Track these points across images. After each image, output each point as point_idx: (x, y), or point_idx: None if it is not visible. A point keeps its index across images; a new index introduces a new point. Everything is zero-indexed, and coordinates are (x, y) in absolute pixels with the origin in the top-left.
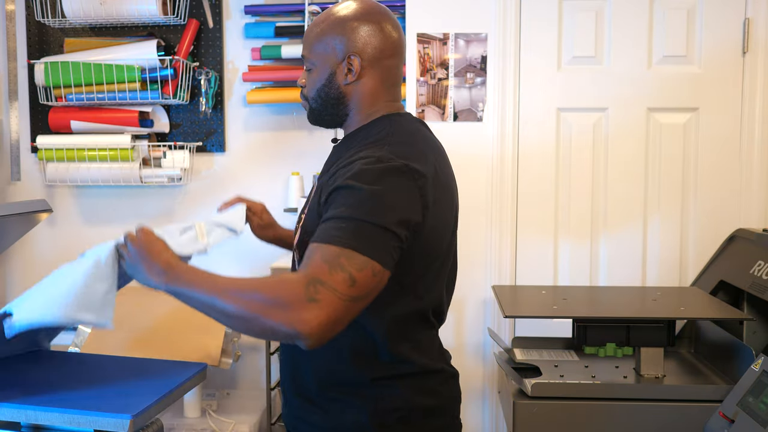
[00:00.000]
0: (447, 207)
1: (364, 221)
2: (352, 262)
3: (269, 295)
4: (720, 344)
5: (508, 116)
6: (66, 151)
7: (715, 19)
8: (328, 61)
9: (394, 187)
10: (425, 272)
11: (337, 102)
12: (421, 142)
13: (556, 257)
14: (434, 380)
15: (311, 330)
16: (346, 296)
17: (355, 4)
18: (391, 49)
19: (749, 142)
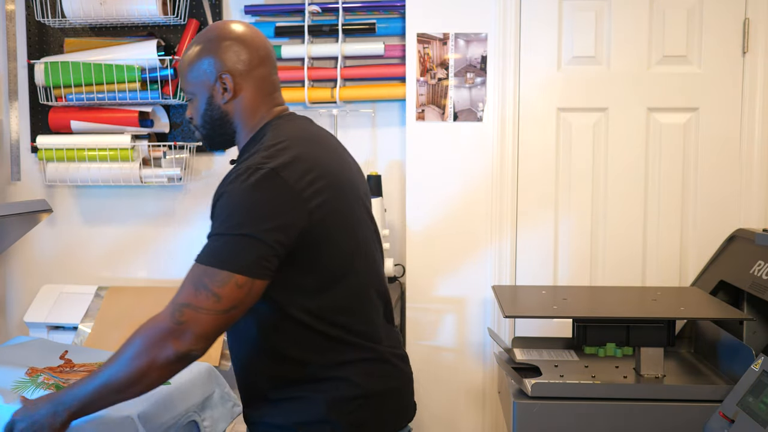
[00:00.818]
0: (341, 197)
1: (231, 235)
2: (214, 280)
3: (144, 342)
4: (720, 344)
5: (508, 116)
6: (66, 151)
7: (715, 19)
8: (204, 85)
9: (262, 195)
10: (344, 259)
11: (221, 122)
12: (303, 139)
13: (556, 257)
14: (385, 364)
15: (189, 347)
16: (212, 311)
17: (215, 28)
18: (258, 60)
19: (749, 142)
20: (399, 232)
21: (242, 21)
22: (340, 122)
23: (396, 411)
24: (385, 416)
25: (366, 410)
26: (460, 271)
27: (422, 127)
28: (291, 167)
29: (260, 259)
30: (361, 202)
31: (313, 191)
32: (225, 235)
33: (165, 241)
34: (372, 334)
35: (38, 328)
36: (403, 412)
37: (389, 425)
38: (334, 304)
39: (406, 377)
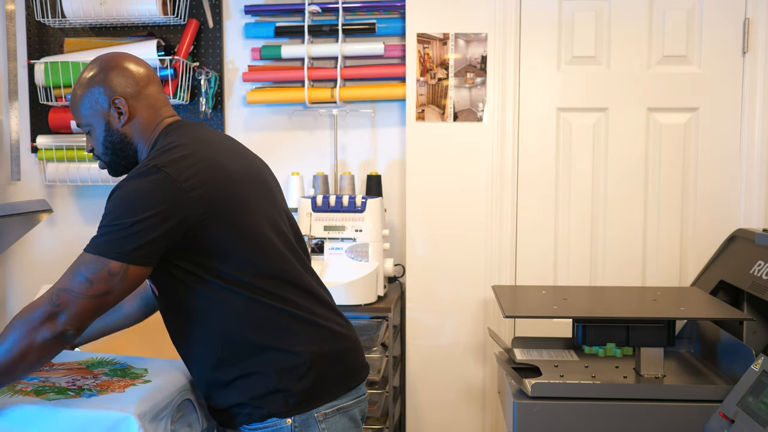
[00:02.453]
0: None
1: (110, 225)
2: (89, 267)
3: (24, 324)
4: (720, 344)
5: (508, 116)
6: (66, 151)
7: (715, 19)
8: (98, 115)
9: (142, 188)
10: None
11: (122, 144)
12: (193, 140)
13: (556, 257)
14: (322, 329)
15: (64, 327)
16: (85, 295)
17: (97, 61)
18: (145, 80)
19: (749, 142)
20: (399, 232)
21: (121, 51)
22: (340, 122)
23: (344, 372)
24: (333, 378)
25: (313, 374)
26: (460, 271)
27: (422, 127)
28: (175, 163)
29: (134, 246)
30: (264, 192)
31: (196, 182)
32: (105, 226)
33: None
34: (304, 303)
35: None
36: (352, 372)
37: (340, 386)
38: (258, 282)
39: (347, 339)
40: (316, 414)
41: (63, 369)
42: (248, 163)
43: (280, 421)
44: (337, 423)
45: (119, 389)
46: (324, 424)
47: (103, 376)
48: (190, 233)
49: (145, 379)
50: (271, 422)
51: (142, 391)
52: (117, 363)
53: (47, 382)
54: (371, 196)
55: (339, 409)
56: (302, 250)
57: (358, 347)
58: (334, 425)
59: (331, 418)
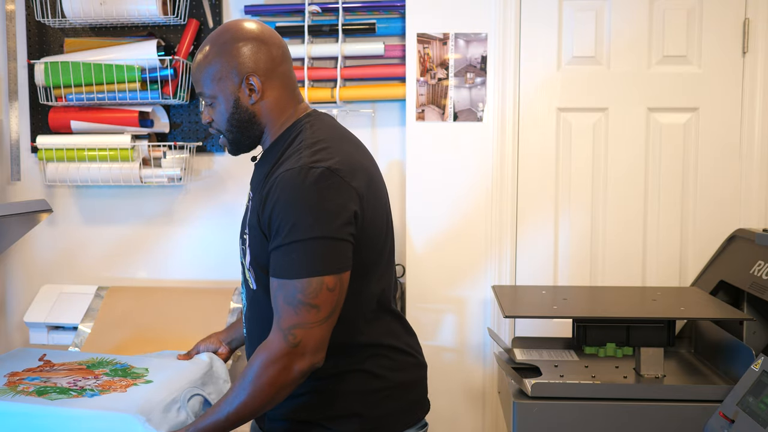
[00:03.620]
0: (375, 195)
1: (306, 240)
2: (307, 293)
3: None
4: (720, 344)
5: (508, 116)
6: (66, 151)
7: (715, 19)
8: (228, 89)
9: (325, 194)
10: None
11: (250, 124)
12: (337, 138)
13: (556, 257)
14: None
15: (311, 362)
16: (317, 323)
17: (231, 29)
18: (280, 57)
19: (749, 142)
20: (399, 232)
21: (253, 19)
22: (340, 122)
23: (418, 401)
24: (409, 407)
25: (392, 401)
26: (460, 271)
27: (422, 127)
28: (342, 165)
29: (338, 255)
30: (388, 198)
31: (364, 186)
32: (300, 241)
33: (165, 241)
34: (393, 328)
35: (38, 328)
36: (424, 402)
37: (413, 416)
38: (365, 297)
39: (424, 368)
40: None
41: (64, 369)
42: (376, 165)
43: None
44: None
45: (121, 389)
46: None
47: (105, 376)
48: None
49: (146, 379)
50: None
51: (144, 390)
52: (117, 363)
53: (49, 383)
54: None
55: None
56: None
57: (426, 375)
58: None
59: None
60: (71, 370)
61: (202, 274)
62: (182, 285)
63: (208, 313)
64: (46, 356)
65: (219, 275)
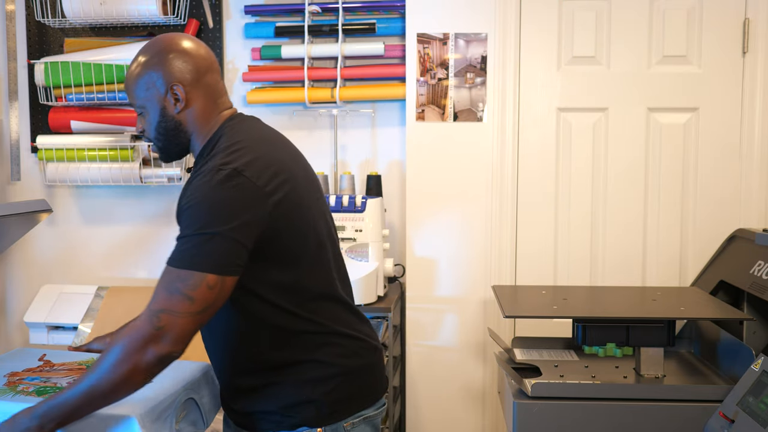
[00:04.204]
0: (295, 193)
1: (198, 235)
2: (186, 283)
3: (126, 349)
4: (720, 344)
5: (508, 116)
6: (66, 151)
7: (715, 19)
8: (155, 98)
9: (226, 194)
10: (307, 249)
11: (176, 132)
12: (255, 139)
13: (556, 257)
14: (356, 341)
15: (170, 349)
16: (187, 314)
17: (159, 42)
18: (205, 67)
19: (749, 142)
20: (399, 232)
21: (183, 34)
22: (340, 122)
23: (373, 383)
24: (363, 390)
25: (345, 386)
26: (460, 271)
27: (422, 127)
28: (252, 166)
29: (229, 256)
30: (319, 194)
31: (274, 186)
32: (192, 236)
33: (165, 241)
34: (341, 316)
35: (38, 328)
36: (379, 384)
37: (368, 398)
38: (304, 291)
39: (377, 352)
40: (345, 424)
41: (64, 369)
42: (303, 164)
43: (310, 430)
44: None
45: None
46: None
47: None
48: (263, 239)
49: None
50: (301, 430)
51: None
52: None
53: (48, 383)
54: (371, 196)
55: (365, 418)
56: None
57: (382, 359)
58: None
59: (358, 427)
60: (71, 370)
61: None
62: None
63: None
64: (46, 356)
65: None
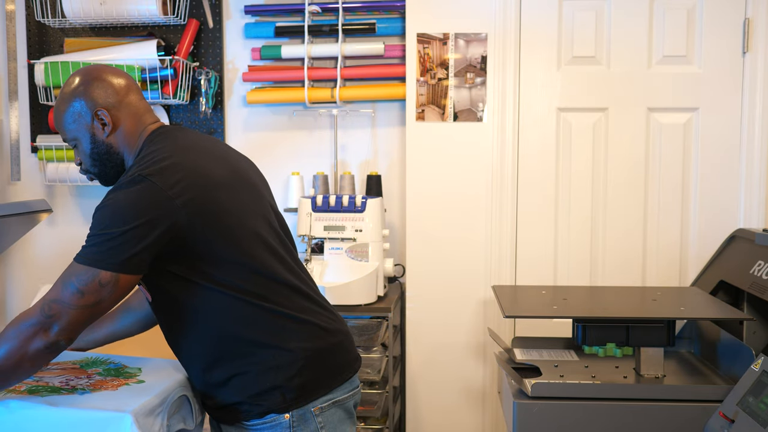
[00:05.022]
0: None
1: (99, 235)
2: (81, 278)
3: (16, 335)
4: (720, 344)
5: (508, 116)
6: (66, 151)
7: (715, 19)
8: (83, 127)
9: (128, 197)
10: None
11: (108, 155)
12: (173, 147)
13: (556, 257)
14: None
15: (57, 338)
16: (77, 306)
17: (74, 77)
18: (124, 88)
19: (749, 142)
20: (399, 232)
21: (94, 63)
22: (340, 122)
23: (337, 365)
24: (327, 373)
25: (307, 371)
26: (460, 271)
27: (422, 127)
28: (159, 172)
29: (125, 256)
30: (256, 194)
31: (180, 189)
32: (93, 236)
33: None
34: (295, 300)
35: None
36: (345, 366)
37: (334, 380)
38: (249, 282)
39: (338, 333)
40: (313, 408)
41: (57, 369)
42: (233, 166)
43: (278, 416)
44: (333, 416)
45: (112, 388)
46: (320, 417)
47: (97, 375)
48: (178, 239)
49: (138, 379)
50: (270, 418)
51: (135, 390)
52: (111, 363)
53: (41, 382)
54: (371, 196)
55: (334, 402)
56: (292, 245)
57: (348, 340)
58: (330, 418)
59: (327, 411)
60: (64, 370)
61: None
62: None
63: None
64: None
65: None
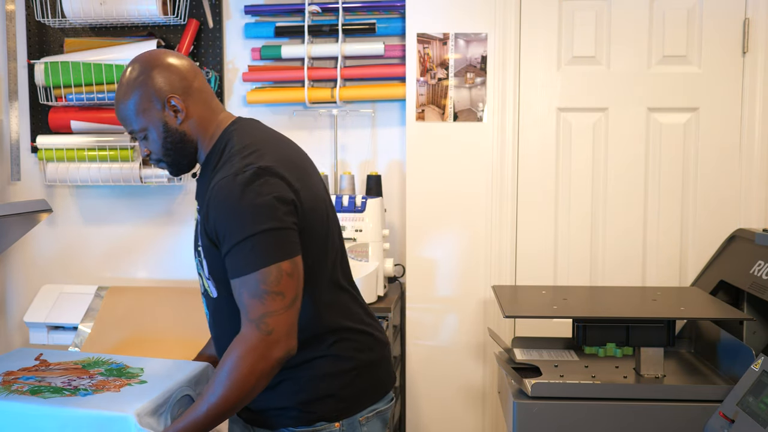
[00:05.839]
0: (309, 187)
1: (255, 234)
2: (269, 282)
3: (246, 363)
4: (720, 344)
5: (508, 116)
6: (66, 151)
7: (715, 19)
8: (155, 116)
9: (260, 190)
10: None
11: (183, 144)
12: (264, 140)
13: (556, 257)
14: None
15: (286, 348)
16: (284, 308)
17: (136, 64)
18: (191, 74)
19: (749, 142)
20: (399, 232)
21: (155, 49)
22: (340, 122)
23: (384, 377)
24: (375, 384)
25: (359, 381)
26: (460, 271)
27: (422, 127)
28: (272, 162)
29: (288, 242)
30: (325, 189)
31: (295, 180)
32: (248, 238)
33: (165, 241)
34: (352, 310)
35: (38, 328)
36: (389, 378)
37: (379, 392)
38: (319, 284)
39: (386, 346)
40: (360, 418)
41: (59, 369)
42: (309, 160)
43: (329, 425)
44: (374, 426)
45: (115, 389)
46: (365, 427)
47: (99, 376)
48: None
49: (141, 379)
50: (320, 425)
51: (137, 390)
52: (113, 363)
53: (43, 382)
54: (371, 196)
55: (377, 412)
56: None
57: (390, 352)
58: (373, 427)
59: (371, 421)
60: (66, 370)
61: None
62: (182, 285)
63: None
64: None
65: None
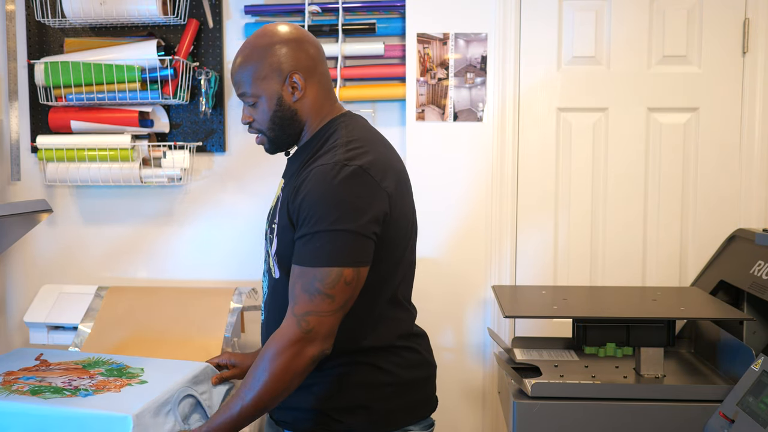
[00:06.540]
0: (402, 195)
1: (331, 231)
2: (325, 282)
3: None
4: (720, 344)
5: (508, 116)
6: (66, 151)
7: (715, 19)
8: (272, 87)
9: (355, 191)
10: (402, 251)
11: (292, 121)
12: (370, 139)
13: (556, 257)
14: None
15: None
16: (330, 311)
17: (271, 32)
18: (318, 57)
19: (749, 142)
20: None
21: (288, 22)
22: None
23: (424, 400)
24: (413, 405)
25: (397, 397)
26: (460, 271)
27: (422, 127)
28: (374, 166)
29: (361, 250)
30: (413, 198)
31: (389, 185)
32: (324, 232)
33: (165, 241)
34: (407, 326)
35: (38, 328)
36: (431, 401)
37: (416, 414)
38: (384, 294)
39: (433, 368)
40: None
41: (60, 369)
42: (403, 164)
43: None
44: None
45: (115, 389)
46: None
47: (100, 376)
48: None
49: (141, 379)
50: None
51: (138, 390)
52: (113, 363)
53: (44, 382)
54: None
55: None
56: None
57: (435, 376)
58: None
59: None
60: (67, 370)
61: (202, 274)
62: (182, 285)
63: (208, 314)
64: (43, 356)
65: (219, 275)
